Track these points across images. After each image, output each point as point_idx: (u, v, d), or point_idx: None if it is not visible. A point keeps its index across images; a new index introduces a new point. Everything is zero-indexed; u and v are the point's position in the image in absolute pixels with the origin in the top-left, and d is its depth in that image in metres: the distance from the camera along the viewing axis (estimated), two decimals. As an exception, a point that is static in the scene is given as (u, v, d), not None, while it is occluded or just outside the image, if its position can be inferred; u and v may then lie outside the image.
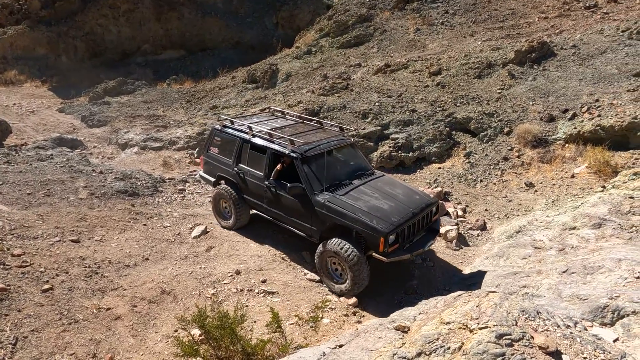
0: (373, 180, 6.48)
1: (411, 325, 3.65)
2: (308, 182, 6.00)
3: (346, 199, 5.83)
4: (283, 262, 6.54)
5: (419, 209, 5.92)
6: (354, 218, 5.56)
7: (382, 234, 5.31)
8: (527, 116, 10.48)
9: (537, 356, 2.94)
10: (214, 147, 7.40)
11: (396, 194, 6.14)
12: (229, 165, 7.08)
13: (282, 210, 6.44)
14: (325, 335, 4.74)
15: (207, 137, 7.81)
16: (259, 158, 6.64)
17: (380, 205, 5.77)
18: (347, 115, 11.35)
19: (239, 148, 6.91)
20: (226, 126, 7.27)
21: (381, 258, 5.44)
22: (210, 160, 7.48)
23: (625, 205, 6.67)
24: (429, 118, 10.94)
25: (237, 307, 4.28)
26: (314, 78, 14.95)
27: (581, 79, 10.99)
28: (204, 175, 7.77)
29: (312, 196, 5.94)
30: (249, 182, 6.81)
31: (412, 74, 13.09)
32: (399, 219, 5.57)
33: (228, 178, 7.19)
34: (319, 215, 5.88)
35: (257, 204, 6.84)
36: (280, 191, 6.30)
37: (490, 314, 3.24)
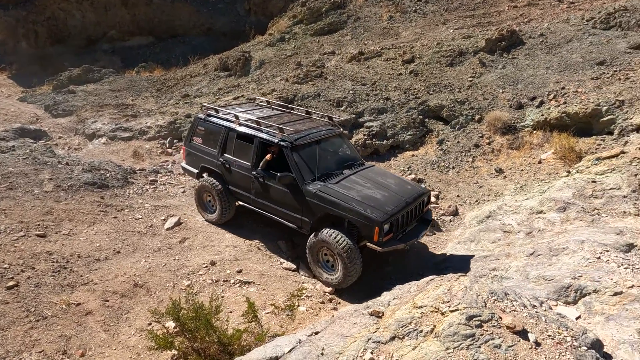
0: (364, 170, 6.39)
1: (385, 311, 3.72)
2: (299, 171, 5.85)
3: (338, 188, 5.71)
4: (259, 252, 6.52)
5: (411, 198, 5.86)
6: (347, 207, 5.44)
7: (377, 223, 5.23)
8: (497, 104, 10.72)
9: (504, 336, 3.05)
10: (197, 137, 7.11)
11: (388, 184, 6.06)
12: (213, 155, 6.83)
13: (270, 202, 6.26)
14: (301, 322, 4.78)
15: (189, 127, 7.47)
16: (246, 148, 6.42)
17: (374, 194, 5.68)
18: (321, 103, 11.31)
19: (224, 138, 6.67)
20: (210, 115, 7.01)
21: (375, 248, 5.36)
22: (193, 150, 7.20)
23: (588, 189, 6.96)
24: (403, 106, 11.03)
25: (213, 298, 4.24)
26: (288, 66, 14.79)
27: (548, 67, 11.30)
28: (186, 167, 7.48)
29: (303, 186, 5.78)
30: (235, 173, 6.59)
31: (385, 62, 13.14)
32: (392, 208, 5.49)
33: (212, 169, 6.94)
34: (310, 205, 5.74)
35: (244, 196, 6.63)
36: (269, 181, 6.11)
37: (461, 297, 3.34)
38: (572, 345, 3.11)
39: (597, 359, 3.05)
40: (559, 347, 3.06)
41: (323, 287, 6.00)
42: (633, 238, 5.20)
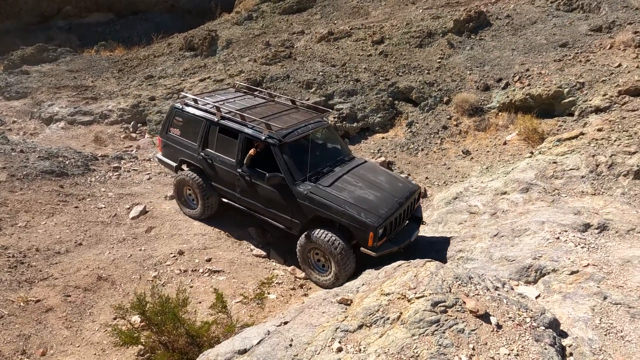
0: (355, 168, 6.08)
1: (354, 298, 3.76)
2: (288, 171, 5.53)
3: (330, 189, 5.42)
4: (228, 239, 6.43)
5: (404, 197, 5.66)
6: (340, 211, 5.20)
7: (372, 228, 5.02)
8: (465, 85, 10.85)
9: (468, 320, 3.14)
10: (175, 128, 6.64)
11: (380, 183, 5.82)
12: (193, 149, 6.40)
13: (258, 201, 5.92)
14: (272, 311, 4.78)
15: (165, 117, 6.93)
16: (230, 143, 6.00)
17: (366, 195, 5.43)
18: (291, 85, 11.11)
19: (205, 131, 6.23)
20: (188, 105, 6.52)
21: (370, 253, 5.14)
22: (171, 142, 6.74)
23: (549, 170, 7.20)
24: (373, 88, 10.99)
25: (179, 290, 4.15)
26: (256, 46, 14.40)
27: (514, 49, 11.48)
28: (163, 159, 7.02)
29: (293, 187, 5.48)
30: (219, 169, 6.19)
31: (355, 42, 12.99)
32: (386, 210, 5.27)
33: (193, 163, 6.52)
34: (301, 207, 5.47)
35: (229, 193, 6.27)
36: (257, 180, 5.76)
37: (427, 283, 3.40)
38: (531, 326, 3.24)
39: (553, 337, 3.19)
40: (519, 329, 3.18)
41: (295, 272, 6.01)
42: (589, 218, 5.44)
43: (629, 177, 6.62)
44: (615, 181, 6.64)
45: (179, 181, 6.66)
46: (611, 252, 4.72)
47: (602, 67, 9.63)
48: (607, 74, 9.32)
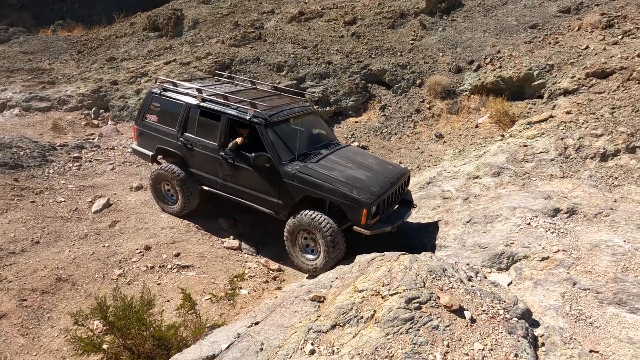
0: (342, 150, 5.98)
1: (327, 294, 3.65)
2: (275, 150, 5.31)
3: (320, 168, 5.26)
4: (198, 232, 6.21)
5: (395, 178, 5.56)
6: (331, 189, 5.02)
7: (365, 204, 4.87)
8: (437, 67, 10.77)
9: (442, 315, 3.08)
10: (152, 115, 6.29)
11: (370, 164, 5.72)
12: (172, 135, 6.08)
13: (242, 185, 5.66)
14: (244, 307, 4.64)
15: (141, 103, 6.57)
16: (212, 126, 5.74)
17: (357, 175, 5.30)
18: (261, 68, 10.74)
19: (185, 115, 5.94)
20: (167, 89, 6.23)
21: (363, 231, 4.99)
22: (147, 130, 6.36)
23: (520, 154, 7.26)
24: (345, 70, 10.76)
25: (144, 291, 3.94)
26: (224, 26, 13.83)
27: (485, 30, 11.44)
28: (138, 149, 6.63)
29: (281, 166, 5.26)
30: (199, 155, 5.90)
31: (327, 23, 12.65)
32: (379, 188, 5.15)
33: (171, 150, 6.18)
34: (289, 187, 5.25)
35: (210, 179, 5.95)
36: (240, 163, 5.52)
37: (401, 279, 3.32)
38: (504, 317, 3.23)
39: (526, 329, 3.20)
40: (492, 322, 3.16)
41: (268, 264, 5.87)
42: (559, 202, 5.50)
43: (596, 159, 6.75)
44: (582, 164, 6.75)
45: (156, 176, 6.28)
46: (580, 236, 4.79)
47: (570, 49, 9.72)
48: (575, 56, 9.41)
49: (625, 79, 8.05)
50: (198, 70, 10.76)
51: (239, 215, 6.65)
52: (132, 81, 11.16)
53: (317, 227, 5.01)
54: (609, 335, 3.44)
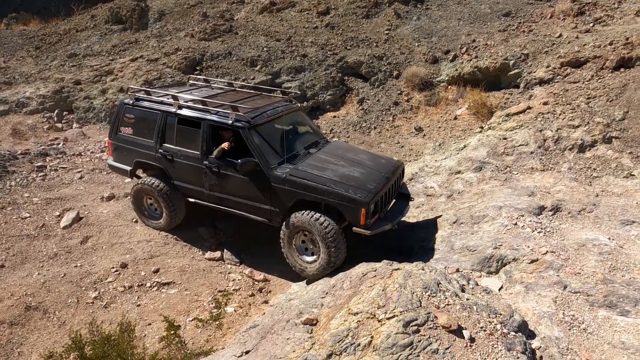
0: (331, 147, 5.74)
1: (319, 316, 3.51)
2: (262, 155, 5.01)
3: (311, 169, 4.99)
4: (177, 244, 5.93)
5: (389, 172, 5.30)
6: (325, 190, 4.73)
7: (363, 204, 4.59)
8: (414, 58, 10.65)
9: (441, 337, 2.99)
10: (126, 127, 5.88)
11: (362, 160, 5.46)
12: (149, 147, 5.69)
13: (230, 194, 5.32)
14: (231, 327, 4.45)
15: (114, 116, 6.12)
16: (192, 134, 5.37)
17: (351, 173, 5.04)
18: (233, 63, 10.34)
19: (162, 124, 5.56)
20: (140, 99, 5.81)
21: (363, 232, 4.73)
22: (122, 144, 5.95)
23: (500, 147, 7.26)
24: (321, 63, 10.50)
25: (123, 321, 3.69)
26: (192, 17, 13.25)
27: (460, 19, 11.37)
28: (115, 165, 6.18)
29: (270, 171, 4.97)
30: (181, 166, 5.53)
31: (300, 13, 12.29)
32: (375, 185, 4.88)
33: (151, 163, 5.80)
34: (280, 192, 4.96)
35: (195, 191, 5.59)
36: (227, 171, 5.19)
37: (396, 299, 3.20)
38: (502, 332, 3.17)
39: (524, 343, 3.15)
40: (491, 339, 3.09)
41: (252, 274, 5.68)
42: (543, 199, 5.51)
43: (574, 150, 6.82)
44: (561, 155, 6.81)
45: (137, 191, 5.89)
46: (566, 235, 4.80)
47: (544, 37, 9.76)
48: (549, 45, 9.46)
49: (598, 68, 8.14)
50: (167, 67, 10.27)
51: (219, 222, 6.40)
52: (97, 80, 10.56)
53: (318, 228, 4.70)
54: (602, 341, 3.44)
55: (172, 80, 9.96)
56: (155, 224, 6.07)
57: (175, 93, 5.68)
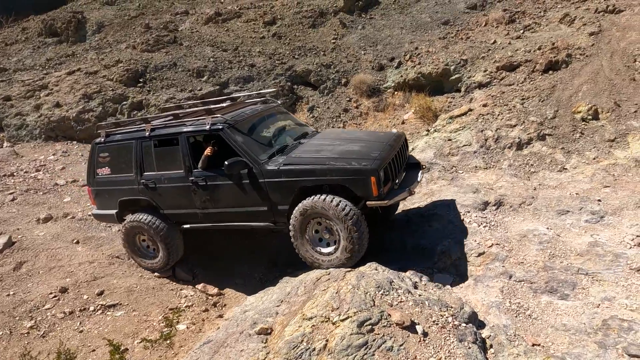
0: (323, 133, 5.35)
1: (274, 324, 3.42)
2: (249, 151, 4.55)
3: (305, 154, 4.56)
4: (124, 263, 5.62)
5: (392, 141, 4.84)
6: (326, 170, 4.25)
7: (372, 172, 4.10)
8: (361, 66, 10.89)
9: (395, 334, 3.01)
10: (102, 168, 5.42)
11: (359, 137, 5.04)
12: (130, 181, 5.22)
13: (225, 206, 4.83)
14: (183, 345, 4.24)
15: (88, 160, 5.61)
16: (171, 153, 4.95)
17: (350, 148, 4.62)
18: (179, 74, 10.08)
19: (138, 152, 5.12)
20: (110, 133, 5.39)
21: (379, 203, 4.20)
22: (102, 187, 5.45)
23: (445, 148, 7.54)
24: (269, 73, 10.48)
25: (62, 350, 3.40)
26: (134, 29, 12.83)
27: (402, 27, 11.79)
28: (99, 213, 5.64)
29: (261, 167, 4.49)
30: (167, 191, 5.06)
31: (246, 23, 12.24)
32: (379, 152, 4.41)
33: (136, 199, 5.29)
34: (278, 187, 4.45)
35: (188, 215, 5.12)
36: (216, 181, 4.73)
37: (350, 300, 3.19)
38: (454, 325, 3.24)
39: (475, 334, 3.23)
40: (443, 332, 3.15)
41: (206, 289, 5.47)
42: (487, 195, 5.77)
43: (513, 148, 7.20)
44: (502, 154, 7.17)
45: (128, 229, 5.35)
46: (509, 227, 5.04)
47: (480, 43, 10.32)
48: (485, 51, 10.01)
49: (530, 71, 8.71)
50: (108, 80, 9.83)
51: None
52: (30, 95, 9.91)
53: (335, 212, 4.10)
54: (546, 325, 3.61)
55: (113, 93, 9.54)
56: (151, 263, 5.47)
57: (145, 117, 5.33)
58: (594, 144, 6.83)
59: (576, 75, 8.07)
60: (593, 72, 7.95)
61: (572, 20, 9.63)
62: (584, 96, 7.56)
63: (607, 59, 8.10)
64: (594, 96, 7.47)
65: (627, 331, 3.25)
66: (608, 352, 3.13)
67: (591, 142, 6.88)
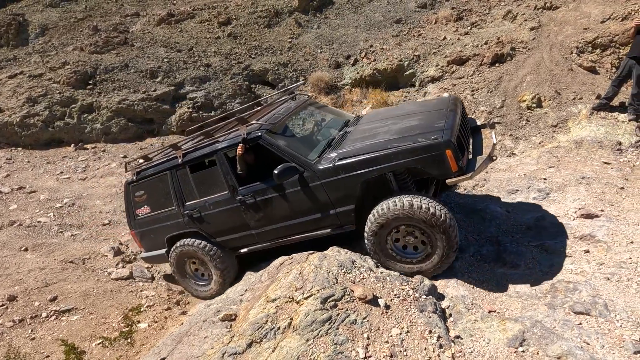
0: (368, 117, 4.83)
1: (238, 311, 3.39)
2: (296, 155, 4.07)
3: (359, 143, 3.98)
4: (78, 267, 5.37)
5: (451, 105, 4.26)
6: (390, 154, 3.66)
7: (445, 144, 3.52)
8: (318, 64, 11.00)
9: (358, 309, 3.06)
10: (141, 207, 5.00)
11: (411, 110, 4.51)
12: (174, 215, 4.79)
13: (281, 220, 4.31)
14: (145, 343, 4.10)
15: (125, 203, 5.17)
16: (211, 175, 4.54)
17: (407, 124, 4.07)
18: (132, 76, 9.78)
19: (175, 182, 4.70)
20: (141, 170, 4.96)
21: (463, 178, 3.65)
22: (146, 227, 5.03)
23: (403, 139, 7.76)
24: (226, 72, 10.38)
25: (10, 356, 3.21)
26: (81, 31, 12.31)
27: (357, 26, 12.03)
28: (149, 256, 5.19)
29: (314, 167, 3.99)
30: (214, 217, 4.59)
31: (200, 24, 12.06)
32: (444, 121, 3.85)
33: (183, 232, 4.84)
34: (338, 186, 3.92)
35: (242, 238, 4.62)
36: (265, 195, 4.22)
37: (313, 279, 3.22)
38: (414, 297, 3.34)
39: (434, 304, 3.35)
40: (404, 304, 3.24)
41: (168, 286, 5.33)
42: (442, 179, 5.98)
43: (466, 137, 7.51)
44: (455, 142, 7.46)
45: (178, 258, 4.91)
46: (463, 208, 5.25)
47: (431, 40, 10.71)
48: (436, 47, 10.40)
49: (478, 64, 9.13)
50: (54, 83, 9.38)
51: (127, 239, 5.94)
52: (-33, 101, 9.29)
53: (424, 216, 3.55)
54: (501, 293, 3.79)
55: (60, 96, 9.11)
56: (205, 290, 4.95)
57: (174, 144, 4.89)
58: (539, 129, 7.25)
59: (520, 67, 8.55)
60: (535, 63, 8.44)
61: (514, 16, 10.19)
62: (528, 86, 8.01)
63: (547, 51, 8.63)
64: (537, 86, 7.93)
65: (573, 291, 3.47)
66: (556, 311, 3.33)
67: (536, 128, 7.30)
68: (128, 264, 5.60)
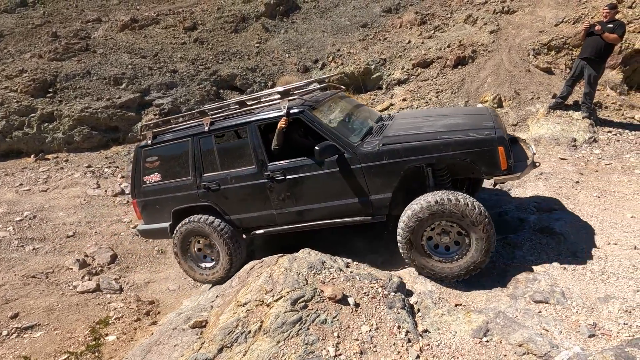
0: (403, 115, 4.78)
1: (209, 317, 3.37)
2: (339, 135, 3.91)
3: (404, 132, 3.91)
4: (41, 282, 5.17)
5: (493, 112, 4.32)
6: (439, 144, 3.60)
7: (499, 140, 3.52)
8: (286, 68, 11.04)
9: (328, 308, 3.10)
10: (151, 175, 4.64)
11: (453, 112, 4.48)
12: (188, 186, 4.45)
13: (309, 202, 4.09)
14: (113, 356, 3.99)
15: (132, 167, 4.81)
16: (239, 148, 4.29)
17: (454, 122, 4.01)
18: (94, 82, 9.53)
19: (196, 151, 4.38)
20: (159, 134, 4.62)
21: (510, 178, 3.64)
22: (151, 197, 4.65)
23: (371, 141, 7.88)
24: (193, 78, 10.26)
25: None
26: (40, 38, 11.90)
27: (324, 31, 12.16)
28: (147, 228, 4.82)
29: (356, 150, 3.83)
30: (235, 192, 4.30)
31: (165, 29, 11.89)
32: (492, 122, 3.83)
33: (195, 205, 4.50)
34: (378, 172, 3.79)
35: (261, 217, 4.33)
36: (297, 173, 4.01)
37: (283, 281, 3.24)
38: (383, 294, 3.41)
39: (403, 300, 3.43)
40: (374, 301, 3.30)
41: (137, 297, 5.21)
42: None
43: (432, 137, 7.72)
44: (422, 143, 7.65)
45: (184, 234, 4.52)
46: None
47: (397, 44, 10.95)
48: (401, 50, 10.64)
49: (442, 66, 9.41)
50: (11, 92, 9.02)
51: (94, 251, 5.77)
52: None
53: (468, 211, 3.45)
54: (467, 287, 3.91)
55: (18, 105, 8.77)
56: (206, 275, 4.59)
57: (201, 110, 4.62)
58: (500, 128, 7.53)
59: (481, 68, 8.87)
60: (495, 65, 8.78)
61: (474, 20, 10.57)
62: (489, 87, 8.31)
63: (506, 53, 8.99)
64: (498, 86, 8.24)
65: (532, 282, 3.64)
66: (518, 301, 3.47)
67: (497, 127, 7.58)
68: (94, 276, 5.43)
